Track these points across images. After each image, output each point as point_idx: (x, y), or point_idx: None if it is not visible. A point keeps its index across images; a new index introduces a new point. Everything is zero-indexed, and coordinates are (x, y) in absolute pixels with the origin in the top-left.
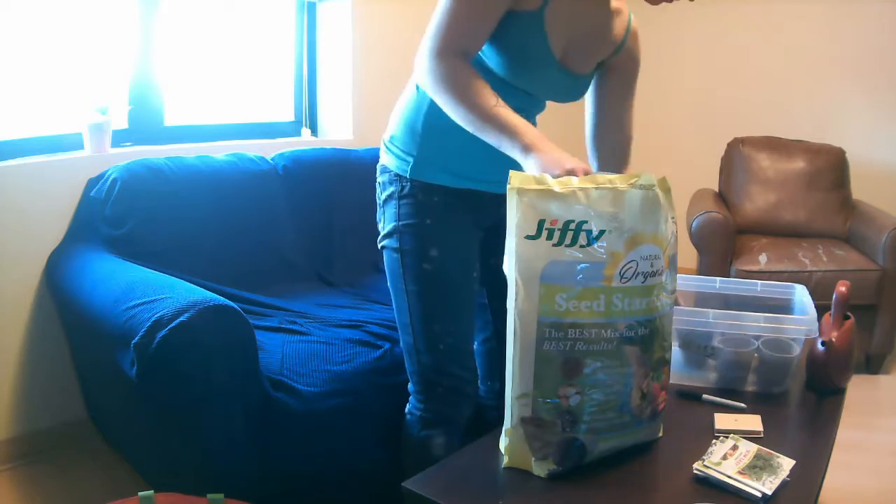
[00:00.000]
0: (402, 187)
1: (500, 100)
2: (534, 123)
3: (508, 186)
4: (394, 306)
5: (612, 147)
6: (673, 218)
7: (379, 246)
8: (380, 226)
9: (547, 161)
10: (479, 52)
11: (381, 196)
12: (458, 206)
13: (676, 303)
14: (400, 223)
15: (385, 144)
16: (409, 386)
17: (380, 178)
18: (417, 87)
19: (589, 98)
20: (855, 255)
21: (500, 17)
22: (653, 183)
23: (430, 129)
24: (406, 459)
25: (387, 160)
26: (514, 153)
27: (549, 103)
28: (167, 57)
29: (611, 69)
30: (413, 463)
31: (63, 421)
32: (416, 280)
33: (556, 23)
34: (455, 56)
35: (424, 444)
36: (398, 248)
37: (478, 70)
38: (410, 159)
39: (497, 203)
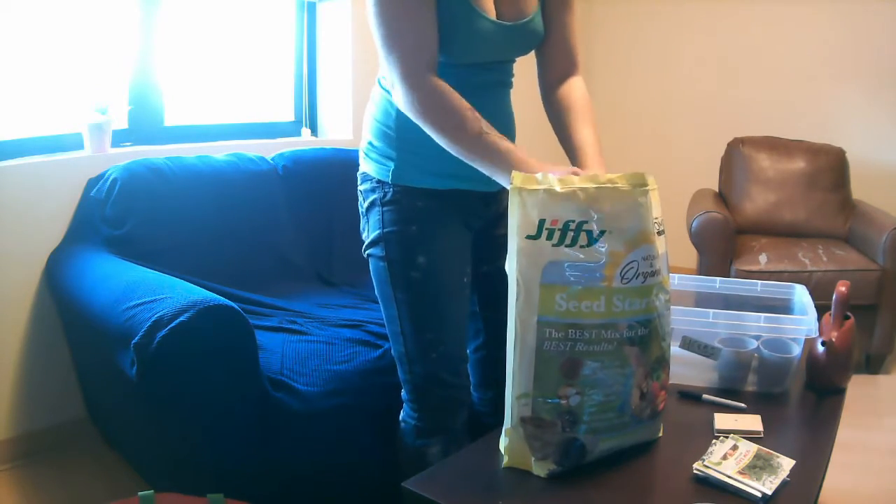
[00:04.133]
0: (385, 193)
1: (482, 126)
2: (509, 87)
3: (510, 186)
4: (383, 315)
5: (564, 53)
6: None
7: (364, 255)
8: (363, 235)
9: None
10: None
11: (363, 204)
12: (443, 209)
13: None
14: (384, 230)
15: (363, 152)
16: (402, 394)
17: (361, 187)
18: (383, 89)
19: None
20: (855, 255)
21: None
22: (652, 184)
23: (404, 130)
24: (403, 466)
25: (367, 167)
26: (503, 181)
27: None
28: (167, 57)
29: None
30: (410, 471)
31: (63, 421)
32: (405, 288)
33: None
34: (425, 74)
35: (420, 452)
36: (384, 257)
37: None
38: (391, 163)
39: (485, 203)
